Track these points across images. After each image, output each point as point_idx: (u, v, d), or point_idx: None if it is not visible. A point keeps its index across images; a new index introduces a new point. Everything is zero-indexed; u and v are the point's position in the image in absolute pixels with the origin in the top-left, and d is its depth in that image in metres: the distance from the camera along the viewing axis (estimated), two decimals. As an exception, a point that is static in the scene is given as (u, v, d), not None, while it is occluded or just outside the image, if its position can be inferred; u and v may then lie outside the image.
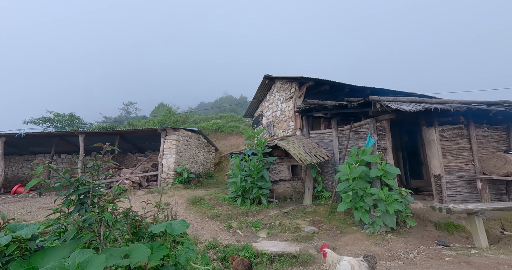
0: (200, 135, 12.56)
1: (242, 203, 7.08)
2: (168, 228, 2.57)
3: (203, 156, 12.93)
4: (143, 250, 2.15)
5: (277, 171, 8.23)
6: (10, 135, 9.57)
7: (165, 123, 18.50)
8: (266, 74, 9.92)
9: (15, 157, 13.10)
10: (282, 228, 5.25)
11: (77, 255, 1.87)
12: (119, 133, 10.95)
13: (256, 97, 11.84)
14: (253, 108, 12.97)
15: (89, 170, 2.51)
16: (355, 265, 2.38)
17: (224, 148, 16.85)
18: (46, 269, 1.69)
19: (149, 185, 10.38)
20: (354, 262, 2.42)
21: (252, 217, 6.23)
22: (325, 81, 8.16)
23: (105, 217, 2.29)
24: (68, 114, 19.78)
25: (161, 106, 29.47)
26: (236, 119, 21.55)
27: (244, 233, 5.31)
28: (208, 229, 5.72)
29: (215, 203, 7.23)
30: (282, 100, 9.83)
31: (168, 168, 9.70)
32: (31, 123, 18.15)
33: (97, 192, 2.44)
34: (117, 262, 1.96)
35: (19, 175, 13.00)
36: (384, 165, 4.84)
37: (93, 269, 1.76)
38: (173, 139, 9.87)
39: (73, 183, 2.41)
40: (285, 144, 7.29)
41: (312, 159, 6.64)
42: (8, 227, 2.10)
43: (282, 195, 8.01)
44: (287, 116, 9.36)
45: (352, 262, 2.41)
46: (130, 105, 35.34)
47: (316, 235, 4.72)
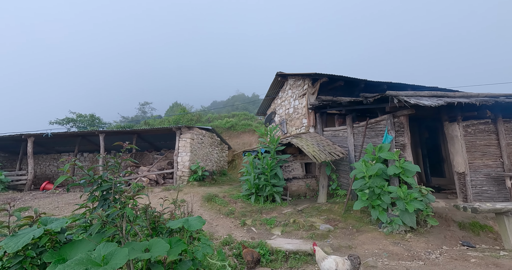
0: (213, 133, 12.73)
1: (256, 200, 7.12)
2: (185, 224, 2.65)
3: (216, 154, 13.11)
4: (162, 245, 2.22)
5: (291, 169, 8.19)
6: (38, 135, 10.20)
7: (179, 122, 18.92)
8: (279, 71, 9.85)
9: (42, 155, 13.95)
10: (296, 226, 5.23)
11: (102, 248, 1.97)
12: (136, 132, 11.34)
13: (268, 94, 11.80)
14: (265, 106, 12.94)
15: (110, 167, 2.63)
16: (339, 263, 2.58)
17: (237, 146, 16.98)
18: (74, 260, 1.80)
19: (165, 183, 10.70)
20: (339, 260, 2.62)
21: (266, 214, 6.25)
22: (339, 77, 7.97)
23: (126, 213, 2.39)
24: (89, 115, 20.75)
25: (175, 105, 30.14)
26: (248, 117, 21.62)
27: (258, 230, 5.34)
28: (222, 226, 5.81)
29: (229, 201, 7.32)
30: (294, 97, 9.73)
31: (183, 166, 9.93)
32: (56, 124, 19.25)
33: (118, 189, 2.55)
34: (138, 255, 2.03)
35: (46, 173, 13.84)
36: (402, 163, 4.67)
37: (117, 262, 1.84)
38: (187, 137, 10.07)
39: (97, 180, 2.53)
40: (298, 142, 7.23)
41: (326, 157, 6.53)
42: (40, 221, 2.25)
43: (296, 193, 7.96)
44: (300, 113, 9.26)
45: (337, 260, 2.61)
46: (146, 105, 36.45)
47: (331, 233, 4.66)
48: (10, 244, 1.91)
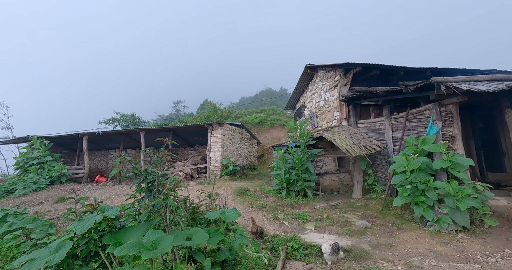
0: (243, 129, 12.95)
1: (287, 195, 7.12)
2: (222, 215, 2.77)
3: (246, 149, 13.33)
4: (202, 234, 2.36)
5: (322, 164, 7.97)
6: (91, 134, 11.51)
7: (210, 118, 19.62)
8: (308, 64, 9.54)
9: (94, 152, 15.70)
10: (330, 221, 5.11)
11: (150, 234, 2.16)
12: (172, 129, 12.07)
13: (297, 88, 11.54)
14: (294, 99, 12.70)
15: (153, 161, 2.85)
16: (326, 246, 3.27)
17: (266, 141, 17.04)
18: (129, 244, 2.01)
19: (199, 177, 11.26)
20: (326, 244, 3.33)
21: (298, 209, 6.21)
22: (374, 66, 7.44)
23: (169, 203, 2.58)
24: (131, 114, 22.65)
25: (206, 103, 31.25)
26: (276, 112, 21.47)
27: (290, 224, 5.34)
28: (255, 219, 5.93)
29: (260, 195, 7.43)
30: (325, 89, 9.36)
31: (215, 160, 10.32)
32: (104, 123, 21.45)
33: (161, 181, 2.76)
34: (182, 243, 2.19)
35: (98, 167, 15.58)
36: (451, 156, 4.21)
37: (163, 247, 2.02)
38: (218, 133, 10.42)
39: (142, 173, 2.77)
40: (330, 135, 6.98)
41: (361, 151, 6.21)
42: (99, 208, 2.55)
43: (328, 188, 7.75)
44: (332, 106, 8.89)
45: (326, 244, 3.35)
46: (179, 103, 38.44)
47: (368, 230, 4.45)
48: (78, 227, 2.21)
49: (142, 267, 2.16)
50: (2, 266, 4.20)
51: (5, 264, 4.23)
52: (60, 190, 9.23)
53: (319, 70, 9.75)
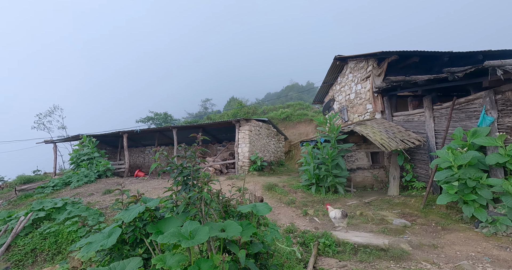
0: (269, 124, 12.93)
1: (316, 191, 6.97)
2: (254, 209, 2.81)
3: (273, 145, 13.31)
4: (235, 226, 2.42)
5: (354, 159, 7.62)
6: (130, 132, 12.51)
7: (237, 115, 19.95)
8: (337, 55, 9.10)
9: (133, 148, 17.06)
10: (364, 219, 4.89)
11: (188, 225, 2.28)
12: (201, 126, 12.55)
13: (325, 81, 11.12)
14: (322, 93, 12.27)
15: (188, 156, 2.99)
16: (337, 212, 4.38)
17: (293, 137, 16.82)
18: (169, 233, 2.15)
19: (228, 172, 11.58)
20: (336, 210, 4.45)
21: (329, 205, 6.05)
22: (413, 53, 6.81)
23: (204, 196, 2.70)
24: (163, 113, 24.07)
25: (232, 100, 31.80)
26: (303, 106, 21.00)
27: (321, 220, 5.24)
28: (284, 214, 5.93)
29: (289, 190, 7.39)
30: (356, 81, 8.87)
31: (243, 156, 10.50)
32: (140, 122, 23.14)
33: (195, 175, 2.90)
34: (217, 234, 2.27)
35: (136, 163, 16.92)
36: (510, 149, 3.71)
37: (200, 237, 2.12)
38: (246, 129, 10.55)
39: (178, 167, 2.93)
40: (362, 129, 6.62)
41: (397, 145, 5.79)
42: (142, 199, 2.78)
43: (360, 184, 7.40)
44: (364, 99, 8.41)
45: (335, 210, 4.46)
46: (207, 101, 39.72)
47: (408, 230, 4.16)
48: (125, 216, 2.43)
49: (181, 255, 2.29)
50: (65, 247, 4.82)
51: (67, 246, 4.85)
52: (106, 183, 10.23)
53: (350, 61, 9.25)
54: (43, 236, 5.10)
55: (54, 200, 6.24)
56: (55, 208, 6.00)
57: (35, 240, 5.02)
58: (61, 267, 4.21)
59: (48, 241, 4.99)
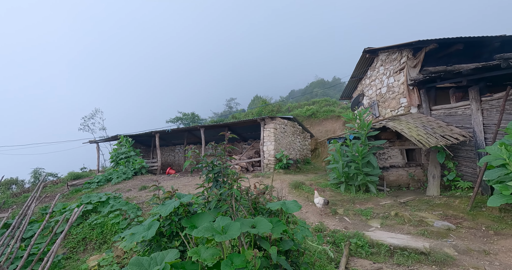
0: (294, 122, 12.76)
1: (346, 189, 6.73)
2: (283, 206, 2.81)
3: (299, 143, 13.12)
4: (265, 223, 2.45)
5: (387, 156, 7.18)
6: (162, 131, 13.29)
7: (261, 113, 20.01)
8: (366, 48, 8.62)
9: (164, 147, 18.08)
10: (399, 220, 4.60)
11: (220, 220, 2.36)
12: (227, 125, 12.84)
13: (353, 75, 10.61)
14: (350, 88, 11.74)
15: (218, 154, 3.09)
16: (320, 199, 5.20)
17: (319, 134, 16.39)
18: (203, 227, 2.24)
19: (254, 170, 11.69)
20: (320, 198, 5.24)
21: (359, 204, 5.81)
22: (456, 40, 6.17)
23: (234, 193, 2.77)
24: (191, 113, 25.09)
25: (256, 98, 31.96)
26: (330, 103, 20.34)
27: (352, 220, 5.05)
28: (312, 213, 5.83)
29: (316, 189, 7.24)
30: (388, 74, 8.32)
31: (268, 154, 10.52)
32: (170, 122, 24.42)
33: (225, 172, 2.98)
34: (248, 230, 2.32)
35: (167, 161, 17.91)
36: None
37: (232, 232, 2.18)
38: (271, 127, 10.54)
39: (209, 164, 3.05)
40: (396, 125, 6.21)
41: (437, 141, 5.33)
42: (176, 195, 2.94)
43: (395, 183, 6.96)
44: (397, 92, 7.86)
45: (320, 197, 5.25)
46: (231, 100, 40.50)
47: (452, 233, 3.82)
48: (162, 210, 2.59)
49: (214, 249, 2.38)
50: (109, 238, 5.31)
51: (111, 236, 5.33)
52: (142, 180, 11.01)
53: (380, 53, 8.70)
54: (91, 227, 5.68)
55: (99, 195, 6.89)
56: (100, 202, 6.62)
57: (85, 230, 5.62)
58: (107, 255, 4.65)
59: (96, 232, 5.54)
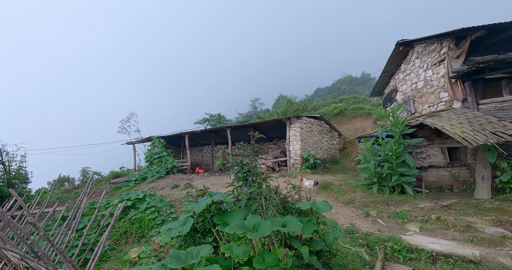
0: (321, 121, 12.43)
1: (378, 190, 6.38)
2: (313, 206, 2.77)
3: (326, 142, 12.75)
4: (295, 222, 2.44)
5: (425, 156, 6.65)
6: (191, 132, 13.90)
7: (286, 113, 19.84)
8: (400, 40, 8.05)
9: (193, 148, 18.88)
10: (442, 224, 4.23)
11: (251, 218, 2.41)
12: (252, 125, 12.97)
13: (385, 70, 9.99)
14: (382, 84, 11.07)
15: (246, 154, 3.15)
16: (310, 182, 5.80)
17: (348, 133, 15.74)
18: (234, 225, 2.31)
19: (280, 170, 11.64)
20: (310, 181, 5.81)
21: (394, 207, 5.47)
22: (509, 24, 5.47)
23: (264, 192, 2.81)
24: (217, 114, 25.82)
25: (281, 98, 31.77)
26: (359, 100, 19.41)
27: (386, 223, 4.78)
28: (342, 214, 5.64)
29: (346, 189, 6.98)
30: (426, 67, 7.69)
31: (295, 154, 10.39)
32: (197, 123, 25.43)
33: (255, 171, 3.03)
34: (278, 228, 2.33)
35: (196, 160, 18.67)
36: None
37: (263, 230, 2.21)
38: (296, 127, 10.41)
39: (239, 163, 3.12)
40: (435, 122, 5.72)
41: (487, 138, 4.78)
42: (208, 193, 3.07)
43: (435, 184, 6.41)
44: (436, 86, 7.23)
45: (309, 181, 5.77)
46: (256, 101, 40.74)
47: (508, 241, 3.40)
48: (195, 207, 2.72)
49: (246, 246, 2.44)
50: (147, 232, 5.72)
51: (148, 231, 5.74)
52: (173, 179, 11.63)
53: (416, 45, 8.07)
54: (131, 221, 6.16)
55: (137, 192, 7.45)
56: (138, 199, 7.15)
57: (126, 224, 6.12)
58: (146, 248, 5.01)
59: (135, 226, 6.01)
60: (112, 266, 4.85)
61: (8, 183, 9.90)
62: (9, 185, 9.90)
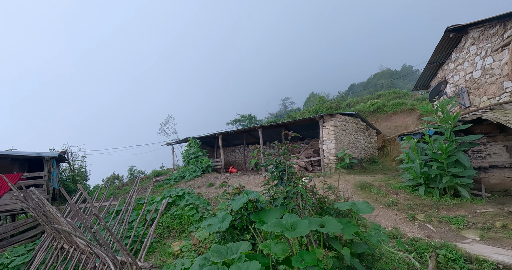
0: (357, 118, 11.78)
1: (426, 193, 5.81)
2: (353, 207, 2.65)
3: (363, 140, 12.03)
4: (334, 223, 2.36)
5: (484, 155, 5.84)
6: (224, 133, 14.39)
7: (319, 111, 19.24)
8: (450, 26, 7.18)
9: (225, 148, 19.49)
10: (509, 233, 3.67)
11: (288, 217, 2.40)
12: (284, 124, 12.88)
13: (432, 61, 9.02)
14: (427, 76, 10.03)
15: (281, 153, 3.15)
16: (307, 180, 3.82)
17: (387, 130, 14.63)
18: (272, 223, 2.33)
19: (314, 170, 11.35)
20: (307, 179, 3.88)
21: (446, 211, 4.93)
22: None
23: (300, 191, 2.78)
24: (248, 115, 26.25)
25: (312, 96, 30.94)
26: (399, 95, 17.89)
27: (437, 228, 4.34)
28: (384, 217, 5.28)
29: (387, 190, 6.52)
30: (484, 53, 6.75)
31: (329, 153, 10.03)
32: (229, 124, 26.20)
33: (290, 170, 3.02)
34: (317, 228, 2.28)
35: (229, 160, 19.23)
36: None
37: (301, 230, 2.19)
38: (330, 125, 10.03)
39: (273, 162, 3.14)
40: (497, 116, 4.98)
41: None
42: (244, 191, 3.15)
43: (498, 187, 5.59)
44: (498, 75, 6.30)
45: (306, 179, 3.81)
46: (286, 100, 40.37)
47: None
48: (233, 205, 2.81)
49: (284, 244, 2.45)
50: (187, 227, 6.09)
51: (188, 226, 6.11)
52: (209, 178, 12.17)
53: (471, 30, 7.14)
54: (172, 217, 6.63)
55: (176, 190, 7.98)
56: (178, 196, 7.65)
57: (168, 220, 6.60)
58: (186, 242, 5.34)
59: (176, 221, 6.44)
60: (158, 257, 5.27)
61: (73, 180, 11.48)
62: (73, 181, 11.46)
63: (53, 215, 3.26)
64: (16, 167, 9.91)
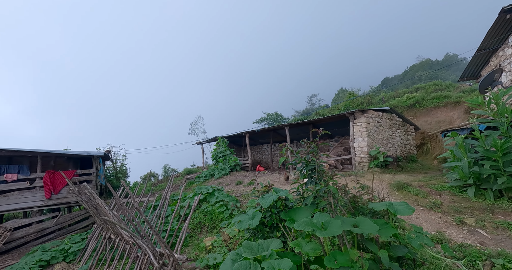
0: (392, 114, 10.98)
1: (476, 194, 5.21)
2: (390, 207, 2.50)
3: (399, 138, 11.19)
4: (369, 224, 2.24)
5: (551, 152, 5.01)
6: (251, 132, 14.54)
7: (349, 107, 18.38)
8: (507, 6, 6.28)
9: (252, 146, 19.68)
10: None
11: (319, 216, 2.34)
12: (311, 122, 12.56)
13: (483, 47, 7.99)
14: (477, 64, 8.92)
15: (311, 151, 3.08)
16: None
17: (427, 126, 13.43)
18: (302, 221, 2.29)
19: (344, 168, 10.88)
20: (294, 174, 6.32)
21: (503, 216, 4.36)
22: None
23: (331, 190, 2.69)
24: (274, 113, 26.18)
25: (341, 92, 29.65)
26: (441, 87, 16.26)
27: (491, 235, 3.87)
28: (425, 219, 4.87)
29: (428, 191, 6.00)
30: (547, 32, 5.79)
31: (360, 151, 9.53)
32: (256, 123, 26.40)
33: (320, 168, 2.94)
34: (350, 228, 2.18)
35: (256, 159, 19.39)
36: None
37: (333, 230, 2.11)
38: (362, 122, 9.52)
39: (302, 160, 3.08)
40: None
41: None
42: (273, 189, 3.15)
43: None
44: None
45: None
46: (313, 97, 39.36)
47: None
48: (263, 202, 2.83)
49: (315, 243, 2.40)
50: (217, 224, 6.30)
51: (218, 223, 6.31)
52: (237, 176, 12.41)
53: (530, 6, 6.17)
54: (203, 213, 6.91)
55: (207, 187, 8.29)
56: (208, 193, 7.95)
57: (200, 216, 6.90)
58: (217, 238, 5.53)
59: (207, 217, 6.71)
60: (192, 251, 5.55)
61: (116, 176, 12.64)
62: (116, 178, 12.61)
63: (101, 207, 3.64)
64: (71, 164, 11.25)
